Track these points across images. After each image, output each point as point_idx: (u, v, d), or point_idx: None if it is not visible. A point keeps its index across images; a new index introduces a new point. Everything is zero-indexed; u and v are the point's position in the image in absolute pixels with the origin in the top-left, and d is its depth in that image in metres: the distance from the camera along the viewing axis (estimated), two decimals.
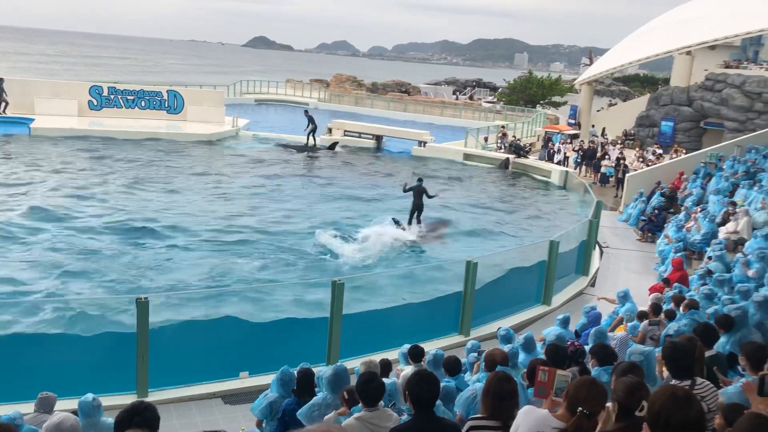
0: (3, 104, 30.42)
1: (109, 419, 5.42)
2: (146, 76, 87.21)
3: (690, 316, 8.17)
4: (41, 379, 7.92)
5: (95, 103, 32.96)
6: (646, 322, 8.80)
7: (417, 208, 18.61)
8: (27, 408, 6.20)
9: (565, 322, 8.92)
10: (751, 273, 11.21)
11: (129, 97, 33.75)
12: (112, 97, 33.34)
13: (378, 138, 33.12)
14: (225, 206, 19.79)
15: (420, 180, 18.99)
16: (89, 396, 5.61)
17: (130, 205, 18.94)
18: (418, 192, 18.46)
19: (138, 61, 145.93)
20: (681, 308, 8.83)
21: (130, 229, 16.75)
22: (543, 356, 6.56)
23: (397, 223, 18.19)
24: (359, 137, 33.18)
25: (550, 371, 3.57)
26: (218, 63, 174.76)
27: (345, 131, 33.45)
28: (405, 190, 18.65)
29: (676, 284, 11.36)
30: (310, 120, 30.91)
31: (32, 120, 29.31)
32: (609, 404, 3.72)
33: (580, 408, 3.27)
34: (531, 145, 34.44)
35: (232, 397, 9.21)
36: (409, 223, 18.54)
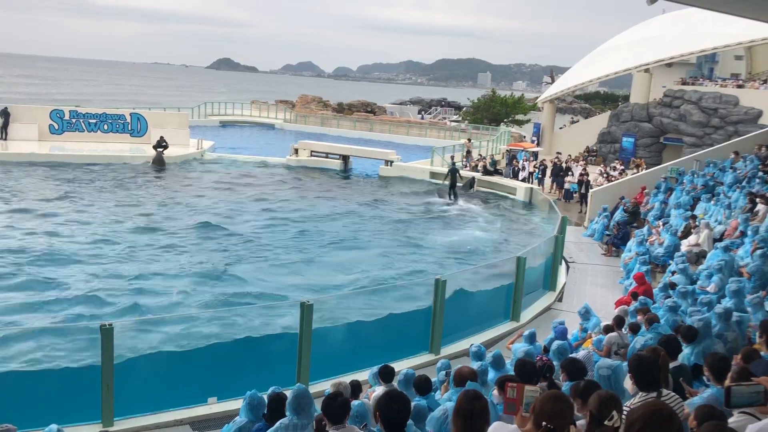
0: (3, 132, 30.59)
1: None
2: (109, 98, 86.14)
3: (654, 330, 8.29)
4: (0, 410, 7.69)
5: (56, 127, 32.44)
6: (610, 335, 8.89)
7: (453, 185, 26.44)
8: None
9: (531, 338, 8.97)
10: (710, 288, 11.44)
11: (91, 121, 33.28)
12: (73, 120, 32.85)
13: (345, 158, 33.17)
14: (197, 228, 19.60)
15: (454, 164, 27.91)
16: (53, 427, 5.45)
17: (91, 229, 18.64)
18: (453, 173, 26.55)
19: (99, 84, 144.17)
20: (644, 324, 8.97)
21: (93, 255, 16.47)
22: (512, 372, 6.59)
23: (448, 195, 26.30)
24: (326, 157, 33.20)
25: (519, 387, 3.57)
26: (182, 85, 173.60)
27: (311, 152, 33.44)
28: (446, 175, 27.08)
29: (641, 297, 11.52)
30: None
31: None
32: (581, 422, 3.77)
33: (544, 423, 3.28)
34: (496, 162, 34.84)
35: (200, 424, 9.03)
36: (450, 196, 26.36)
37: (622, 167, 30.22)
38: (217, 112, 54.56)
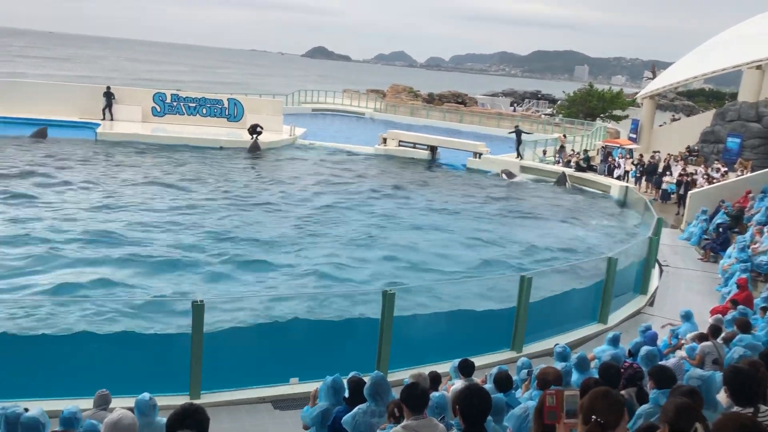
0: (108, 112, 32.22)
1: (163, 419, 5.48)
2: (209, 83, 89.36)
3: (743, 342, 7.86)
4: (95, 375, 8.13)
5: (158, 109, 33.92)
6: (704, 344, 8.47)
7: (519, 143, 31.23)
8: (81, 404, 6.29)
9: (614, 341, 8.67)
10: None
11: (191, 105, 34.59)
12: (174, 104, 34.24)
13: (433, 149, 33.03)
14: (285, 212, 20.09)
15: (517, 126, 32.55)
16: (146, 395, 5.68)
17: (192, 210, 19.42)
18: (518, 133, 31.23)
19: (198, 67, 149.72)
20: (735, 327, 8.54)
21: (189, 233, 17.16)
22: (596, 376, 6.39)
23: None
24: (414, 148, 33.16)
25: (558, 394, 3.43)
26: (278, 72, 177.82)
27: (400, 141, 33.49)
28: (510, 133, 32.24)
29: (740, 307, 10.93)
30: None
31: (98, 125, 30.37)
32: None
33: (594, 417, 3.16)
34: (590, 158, 33.84)
35: (282, 403, 9.27)
36: (518, 156, 31.17)
37: (725, 169, 28.68)
38: (310, 100, 55.52)
